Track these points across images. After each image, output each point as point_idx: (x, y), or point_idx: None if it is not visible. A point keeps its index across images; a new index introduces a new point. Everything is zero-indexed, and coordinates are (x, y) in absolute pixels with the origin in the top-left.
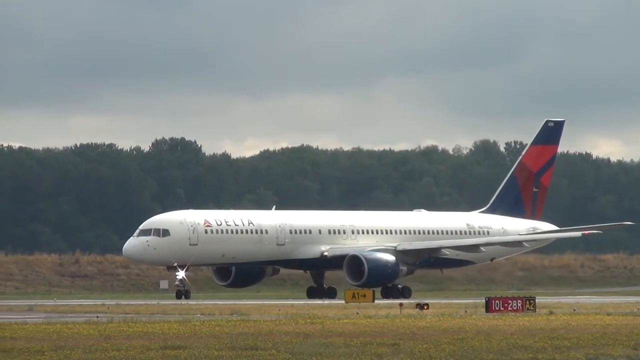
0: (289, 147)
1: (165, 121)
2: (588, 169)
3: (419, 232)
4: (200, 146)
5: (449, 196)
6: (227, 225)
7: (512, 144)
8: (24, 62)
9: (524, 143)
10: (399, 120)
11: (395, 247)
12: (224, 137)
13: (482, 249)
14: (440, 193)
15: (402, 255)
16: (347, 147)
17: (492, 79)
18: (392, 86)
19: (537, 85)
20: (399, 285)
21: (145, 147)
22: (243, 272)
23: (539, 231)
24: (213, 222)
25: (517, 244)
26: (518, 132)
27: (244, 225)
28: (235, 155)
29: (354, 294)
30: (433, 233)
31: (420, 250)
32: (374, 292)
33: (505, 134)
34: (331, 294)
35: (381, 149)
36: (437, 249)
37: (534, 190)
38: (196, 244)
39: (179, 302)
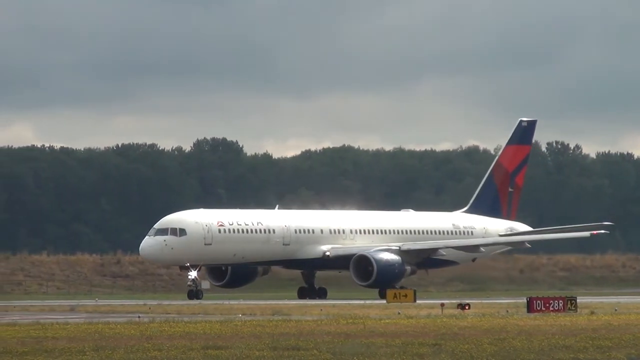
0: (331, 147)
1: (207, 121)
2: (629, 169)
3: (411, 232)
4: (242, 146)
5: None
6: (238, 225)
7: (554, 144)
8: (66, 62)
9: (566, 143)
10: (442, 120)
11: (400, 247)
12: (265, 137)
13: (482, 249)
14: None
15: (406, 255)
16: (388, 147)
17: (535, 79)
18: (434, 86)
19: (579, 85)
20: (397, 286)
21: (187, 147)
22: (238, 272)
23: (538, 230)
24: (226, 222)
25: (509, 244)
26: (560, 132)
27: (253, 225)
28: (276, 155)
29: (395, 294)
30: (424, 233)
31: (422, 250)
32: (415, 291)
33: (547, 134)
34: (322, 294)
35: (423, 149)
36: (435, 249)
37: (509, 190)
38: (210, 244)
39: (192, 302)
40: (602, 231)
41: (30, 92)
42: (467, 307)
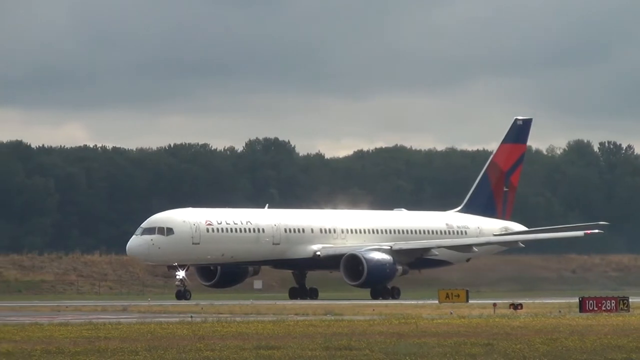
0: (383, 147)
1: (259, 121)
2: None
3: (404, 232)
4: (294, 146)
5: (543, 196)
6: (227, 224)
7: (606, 144)
8: (118, 63)
9: (618, 143)
10: (494, 120)
11: (391, 246)
12: (317, 137)
13: (475, 248)
14: (534, 193)
15: (398, 255)
16: (441, 147)
17: (588, 78)
18: (487, 85)
19: (631, 84)
20: (389, 286)
21: (239, 147)
22: (228, 272)
23: (532, 230)
24: (214, 221)
25: (503, 244)
26: (613, 132)
27: (242, 224)
28: (329, 155)
29: (447, 294)
30: (416, 233)
31: (414, 250)
32: (467, 291)
33: (600, 133)
34: (313, 294)
35: (475, 149)
36: (427, 249)
37: (504, 189)
38: (198, 243)
39: (179, 302)
40: (596, 231)
41: (83, 92)
42: (519, 307)
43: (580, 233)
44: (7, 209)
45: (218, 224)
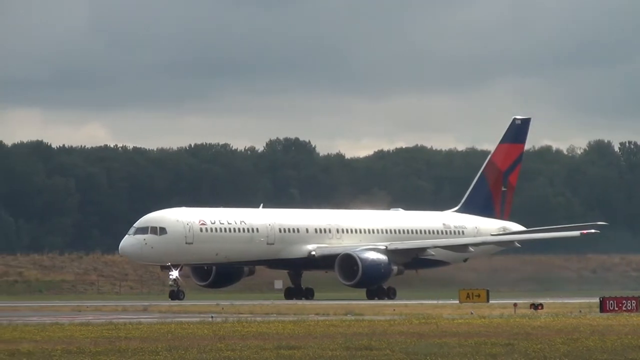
0: (404, 147)
1: (280, 121)
2: None
3: (400, 232)
4: (315, 146)
5: (563, 196)
6: (221, 223)
7: (627, 144)
8: (139, 63)
9: (639, 143)
10: None
11: (387, 246)
12: (338, 137)
13: (471, 248)
14: (554, 193)
15: (393, 254)
16: (461, 147)
17: (609, 78)
18: (508, 85)
19: None
20: (385, 286)
21: (260, 147)
22: (223, 272)
23: (530, 230)
24: (207, 221)
25: (499, 244)
26: (634, 132)
27: (236, 224)
28: (349, 155)
29: (468, 294)
30: (413, 232)
31: (410, 250)
32: (488, 291)
33: (621, 133)
34: (309, 294)
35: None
36: (423, 249)
37: (503, 189)
38: (192, 243)
39: (173, 303)
40: (593, 231)
41: (104, 92)
42: (540, 307)
43: (576, 233)
44: (27, 209)
45: (212, 223)
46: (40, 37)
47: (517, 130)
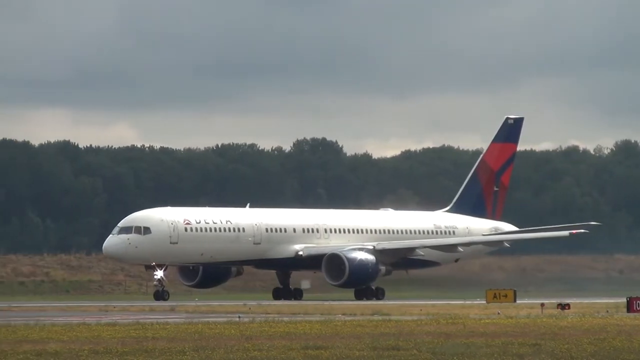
0: (431, 147)
1: (307, 121)
2: None
3: (389, 232)
4: (342, 146)
5: (590, 197)
6: (206, 223)
7: None
8: (166, 63)
9: None
10: (542, 120)
11: (374, 246)
12: (365, 137)
13: (460, 248)
14: (581, 193)
15: (381, 254)
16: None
17: (636, 77)
18: (534, 85)
19: None
20: (373, 286)
21: (287, 147)
22: (210, 272)
23: (521, 230)
24: (192, 221)
25: (489, 244)
26: None
27: (222, 223)
28: (376, 155)
29: (495, 294)
30: (403, 233)
31: (398, 250)
32: (515, 291)
33: None
34: (297, 295)
35: (522, 149)
36: (411, 249)
37: (495, 189)
38: (176, 243)
39: (158, 303)
40: (582, 231)
41: (131, 92)
42: (567, 307)
43: (565, 233)
44: (55, 209)
45: (197, 223)
46: (68, 38)
47: (510, 130)
